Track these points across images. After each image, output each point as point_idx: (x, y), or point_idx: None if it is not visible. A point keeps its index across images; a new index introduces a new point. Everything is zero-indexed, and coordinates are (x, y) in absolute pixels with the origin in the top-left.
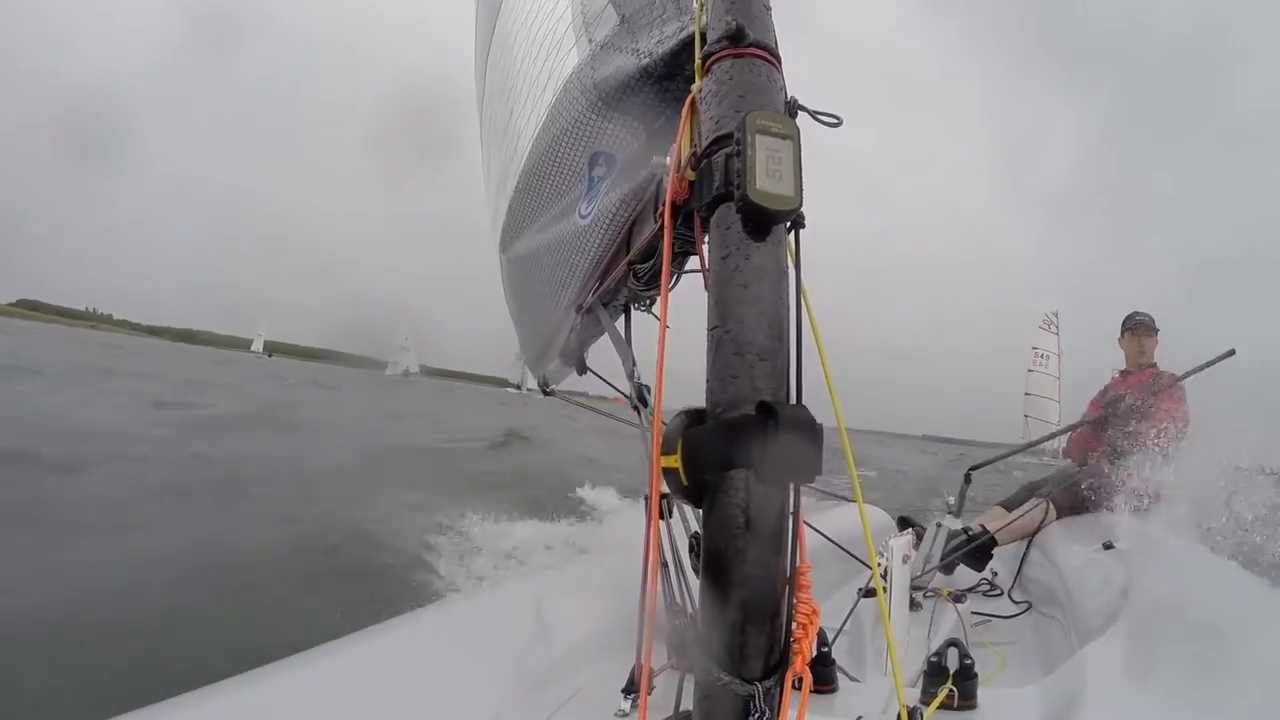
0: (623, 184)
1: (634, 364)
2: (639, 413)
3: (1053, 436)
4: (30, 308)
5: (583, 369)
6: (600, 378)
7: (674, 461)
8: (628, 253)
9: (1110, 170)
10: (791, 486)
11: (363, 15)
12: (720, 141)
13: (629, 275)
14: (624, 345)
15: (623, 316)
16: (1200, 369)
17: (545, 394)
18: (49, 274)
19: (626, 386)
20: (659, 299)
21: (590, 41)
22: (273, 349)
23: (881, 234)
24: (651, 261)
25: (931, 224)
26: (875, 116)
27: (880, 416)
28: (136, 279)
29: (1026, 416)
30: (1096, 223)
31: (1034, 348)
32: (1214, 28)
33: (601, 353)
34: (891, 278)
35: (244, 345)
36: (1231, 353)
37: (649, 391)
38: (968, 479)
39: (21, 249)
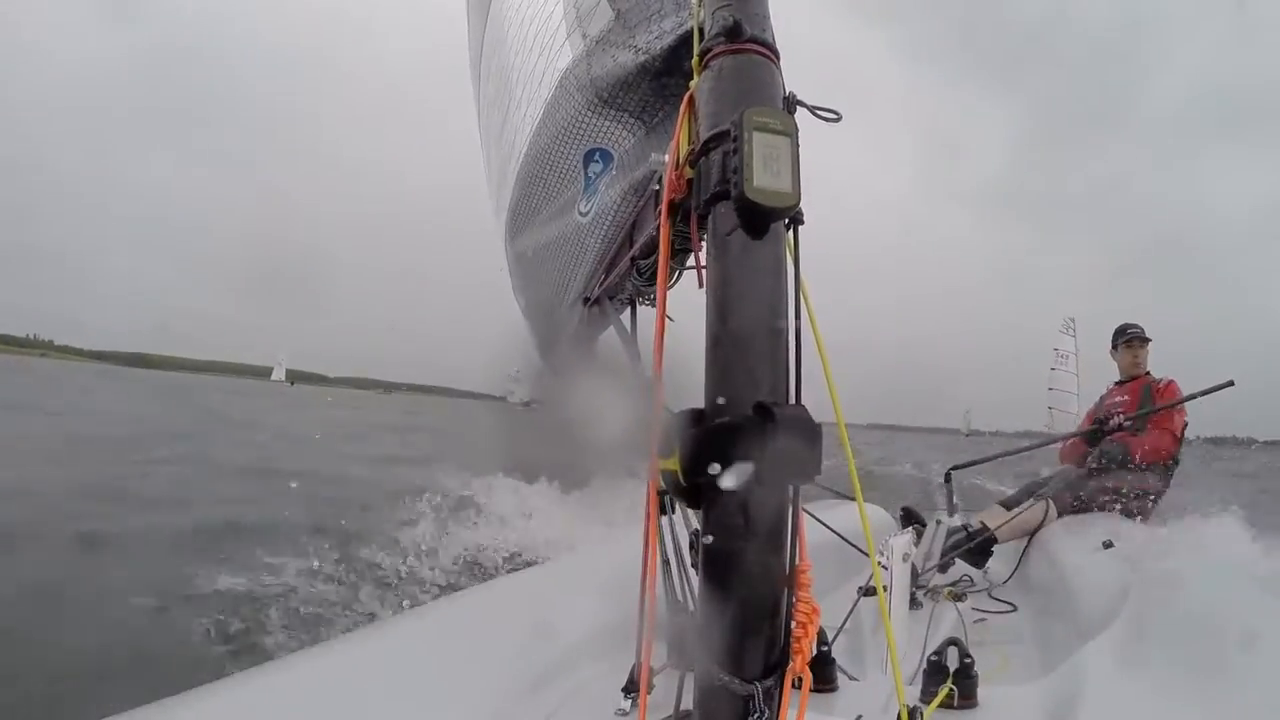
0: (622, 181)
1: (639, 358)
2: None
3: (1037, 446)
4: None
5: (593, 359)
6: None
7: (672, 464)
8: (631, 248)
9: (1030, 167)
10: (791, 487)
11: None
12: (718, 138)
13: (632, 271)
14: (629, 339)
15: (628, 310)
16: (1197, 396)
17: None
18: None
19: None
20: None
21: (584, 37)
22: (296, 378)
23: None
24: (653, 258)
25: (865, 226)
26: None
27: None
28: (79, 302)
29: (1050, 409)
30: (1019, 217)
31: (1055, 349)
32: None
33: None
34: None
35: (260, 374)
36: (1230, 383)
37: None
38: (948, 478)
39: None
